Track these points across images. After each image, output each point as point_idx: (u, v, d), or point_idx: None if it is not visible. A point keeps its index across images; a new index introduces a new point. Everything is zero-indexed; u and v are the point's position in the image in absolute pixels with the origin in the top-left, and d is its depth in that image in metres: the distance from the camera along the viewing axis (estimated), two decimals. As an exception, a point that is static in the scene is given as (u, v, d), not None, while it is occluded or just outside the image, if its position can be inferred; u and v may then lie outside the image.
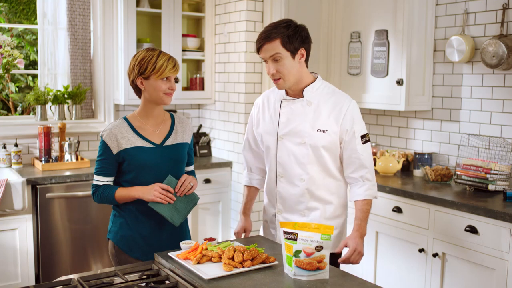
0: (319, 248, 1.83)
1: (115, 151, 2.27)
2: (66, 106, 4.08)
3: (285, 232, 1.87)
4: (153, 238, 2.34)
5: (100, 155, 2.31)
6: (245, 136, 2.56)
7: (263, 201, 2.52)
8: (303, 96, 2.29)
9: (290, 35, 2.18)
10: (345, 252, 2.28)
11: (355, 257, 2.22)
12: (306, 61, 2.29)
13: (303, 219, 2.32)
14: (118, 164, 2.31)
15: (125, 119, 2.35)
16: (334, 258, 2.31)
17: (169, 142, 2.35)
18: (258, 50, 2.24)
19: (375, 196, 2.32)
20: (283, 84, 2.25)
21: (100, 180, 2.32)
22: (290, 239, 1.85)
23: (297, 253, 1.84)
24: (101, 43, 4.14)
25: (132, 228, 2.34)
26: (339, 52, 3.96)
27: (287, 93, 2.34)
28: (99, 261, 3.67)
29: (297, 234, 1.84)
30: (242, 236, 2.52)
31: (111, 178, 2.33)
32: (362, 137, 2.28)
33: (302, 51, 2.23)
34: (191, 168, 2.52)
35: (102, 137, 2.30)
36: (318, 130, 2.25)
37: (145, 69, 2.27)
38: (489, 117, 3.35)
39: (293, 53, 2.21)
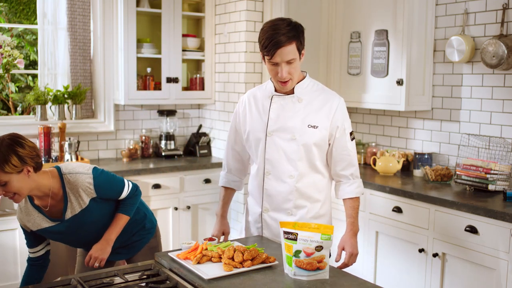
0: (319, 248, 1.83)
1: (29, 230, 2.31)
2: (66, 106, 4.08)
3: (285, 232, 1.87)
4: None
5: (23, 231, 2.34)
6: (227, 136, 2.52)
7: (247, 202, 2.48)
8: (293, 93, 2.29)
9: (301, 37, 2.19)
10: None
11: (353, 260, 2.25)
12: None
13: (290, 218, 2.30)
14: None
15: (29, 197, 2.24)
16: None
17: (69, 215, 2.25)
18: (272, 55, 2.13)
19: (362, 193, 2.39)
20: (291, 85, 2.26)
21: (31, 252, 2.35)
22: (290, 239, 1.85)
23: (297, 253, 1.84)
24: (101, 43, 4.14)
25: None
26: (339, 52, 3.96)
27: (275, 90, 2.32)
28: (99, 261, 3.67)
29: (297, 234, 1.84)
30: (221, 240, 2.44)
31: (43, 245, 2.37)
32: (350, 134, 2.33)
33: (303, 50, 2.24)
34: (122, 197, 2.37)
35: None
36: (309, 126, 2.26)
37: None
38: (489, 117, 3.35)
39: (300, 54, 2.22)
